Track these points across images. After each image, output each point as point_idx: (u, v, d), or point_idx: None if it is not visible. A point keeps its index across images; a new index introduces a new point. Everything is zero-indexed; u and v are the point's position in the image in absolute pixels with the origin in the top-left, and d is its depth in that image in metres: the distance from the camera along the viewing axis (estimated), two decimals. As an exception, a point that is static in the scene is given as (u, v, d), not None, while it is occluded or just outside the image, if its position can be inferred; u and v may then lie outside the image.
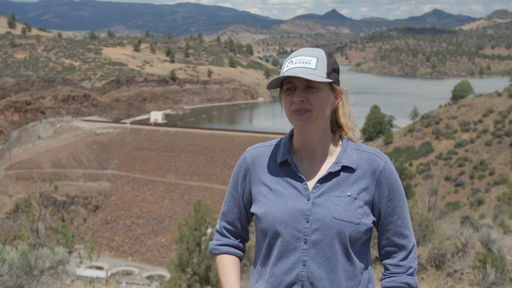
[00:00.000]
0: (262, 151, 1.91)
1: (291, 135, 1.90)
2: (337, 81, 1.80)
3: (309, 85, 1.73)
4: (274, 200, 1.79)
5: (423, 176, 43.17)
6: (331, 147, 1.84)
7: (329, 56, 1.78)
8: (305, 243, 1.74)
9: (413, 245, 1.84)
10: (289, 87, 1.76)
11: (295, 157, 1.85)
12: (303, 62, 1.73)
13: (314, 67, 1.73)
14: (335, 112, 1.87)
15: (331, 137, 1.85)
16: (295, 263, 1.74)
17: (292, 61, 1.76)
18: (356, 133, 1.90)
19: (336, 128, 1.89)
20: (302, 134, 1.81)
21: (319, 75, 1.72)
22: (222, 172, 57.64)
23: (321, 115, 1.75)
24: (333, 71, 1.77)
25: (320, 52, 1.77)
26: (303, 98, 1.72)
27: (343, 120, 1.86)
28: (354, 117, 1.90)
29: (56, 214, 47.91)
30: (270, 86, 1.79)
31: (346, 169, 1.79)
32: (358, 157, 1.81)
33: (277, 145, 1.90)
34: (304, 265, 1.73)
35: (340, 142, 1.86)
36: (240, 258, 1.98)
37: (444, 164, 45.25)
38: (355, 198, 1.75)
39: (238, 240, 1.99)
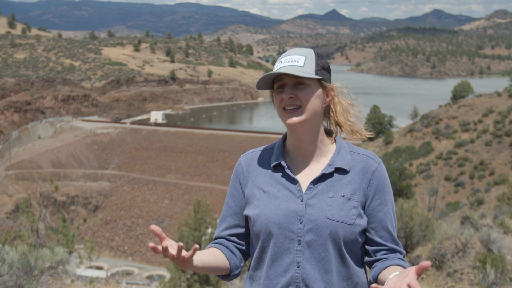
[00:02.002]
0: (256, 155, 1.91)
1: (284, 138, 1.90)
2: (327, 79, 1.80)
3: (298, 82, 1.75)
4: (267, 202, 1.78)
5: (423, 176, 43.15)
6: (325, 148, 1.83)
7: (319, 55, 1.80)
8: (299, 244, 1.72)
9: (404, 254, 1.80)
10: (279, 85, 1.78)
11: (288, 159, 1.85)
12: (291, 61, 1.76)
13: (302, 65, 1.74)
14: (330, 111, 1.87)
15: (324, 138, 1.84)
16: (289, 265, 1.73)
17: (281, 61, 1.78)
18: (356, 132, 1.88)
19: (334, 129, 1.88)
20: (294, 134, 1.80)
21: (307, 72, 1.74)
22: (222, 172, 57.64)
23: (310, 111, 1.75)
24: (322, 69, 1.78)
25: (309, 51, 1.80)
26: (292, 94, 1.74)
27: (341, 119, 1.86)
28: (356, 116, 1.89)
29: (56, 214, 47.92)
30: (259, 86, 1.80)
31: (340, 170, 1.78)
32: (351, 159, 1.80)
33: (271, 149, 1.90)
34: (298, 267, 1.72)
35: (334, 144, 1.86)
36: (225, 251, 1.87)
37: (444, 164, 45.25)
38: (349, 199, 1.74)
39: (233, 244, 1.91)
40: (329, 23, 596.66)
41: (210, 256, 1.80)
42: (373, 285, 1.45)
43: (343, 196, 1.74)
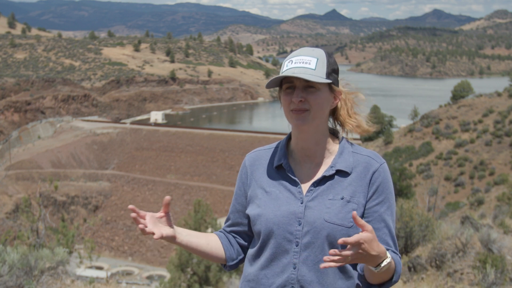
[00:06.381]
0: (260, 154, 1.91)
1: (288, 138, 1.89)
2: (336, 82, 1.78)
3: (308, 85, 1.73)
4: (268, 203, 1.79)
5: (423, 176, 43.12)
6: (329, 149, 1.82)
7: (329, 56, 1.77)
8: (297, 246, 1.73)
9: (399, 256, 1.75)
10: (289, 86, 1.75)
11: (291, 160, 1.84)
12: (303, 62, 1.72)
13: (313, 68, 1.72)
14: (335, 112, 1.85)
15: (329, 139, 1.83)
16: (286, 266, 1.74)
17: (292, 61, 1.75)
18: (358, 126, 1.85)
19: (336, 126, 1.87)
20: (300, 134, 1.79)
21: (319, 75, 1.71)
22: (222, 172, 57.63)
23: (319, 115, 1.75)
24: (332, 71, 1.76)
25: (321, 53, 1.76)
26: (301, 98, 1.71)
27: (343, 113, 1.84)
28: (362, 116, 1.87)
29: (56, 214, 47.89)
30: (269, 85, 1.78)
31: (341, 173, 1.77)
32: (354, 160, 1.78)
33: (276, 148, 1.89)
34: (294, 268, 1.72)
35: (338, 145, 1.84)
36: (224, 242, 1.93)
37: (444, 164, 45.23)
38: (348, 201, 1.73)
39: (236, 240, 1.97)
40: (329, 23, 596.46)
41: (203, 241, 1.87)
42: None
43: (342, 199, 1.73)
